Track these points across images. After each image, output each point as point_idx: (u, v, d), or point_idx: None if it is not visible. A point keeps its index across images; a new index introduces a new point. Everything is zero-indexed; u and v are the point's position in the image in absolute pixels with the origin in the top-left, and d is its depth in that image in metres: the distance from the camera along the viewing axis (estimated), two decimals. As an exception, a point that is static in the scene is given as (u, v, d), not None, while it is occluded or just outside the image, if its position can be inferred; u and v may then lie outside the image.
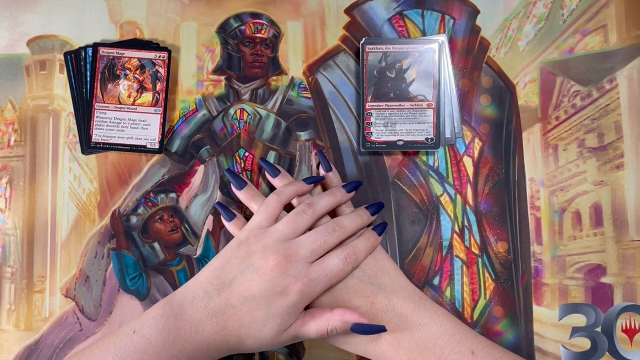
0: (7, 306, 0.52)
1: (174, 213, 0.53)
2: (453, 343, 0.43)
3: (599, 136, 0.53)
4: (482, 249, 0.52)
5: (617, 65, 0.53)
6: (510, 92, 0.54)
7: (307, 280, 0.43)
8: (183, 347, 0.41)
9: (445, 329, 0.44)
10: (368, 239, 0.46)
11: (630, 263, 0.51)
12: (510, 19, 0.54)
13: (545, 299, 0.52)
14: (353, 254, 0.45)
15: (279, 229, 0.45)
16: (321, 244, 0.44)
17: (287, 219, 0.46)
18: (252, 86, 0.54)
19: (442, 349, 0.43)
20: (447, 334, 0.43)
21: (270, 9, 0.55)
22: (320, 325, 0.43)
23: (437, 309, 0.45)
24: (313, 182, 0.49)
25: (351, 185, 0.50)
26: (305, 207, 0.46)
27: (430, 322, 0.44)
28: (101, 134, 0.52)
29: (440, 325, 0.44)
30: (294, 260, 0.43)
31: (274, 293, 0.42)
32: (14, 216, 0.53)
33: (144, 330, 0.42)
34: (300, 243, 0.44)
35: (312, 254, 0.44)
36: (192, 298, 0.43)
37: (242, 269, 0.43)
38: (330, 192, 0.49)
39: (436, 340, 0.43)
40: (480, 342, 0.44)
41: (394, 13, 0.54)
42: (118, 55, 0.52)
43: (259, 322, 0.42)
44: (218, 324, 0.42)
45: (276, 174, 0.50)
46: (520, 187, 0.53)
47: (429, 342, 0.43)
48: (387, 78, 0.52)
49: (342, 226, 0.46)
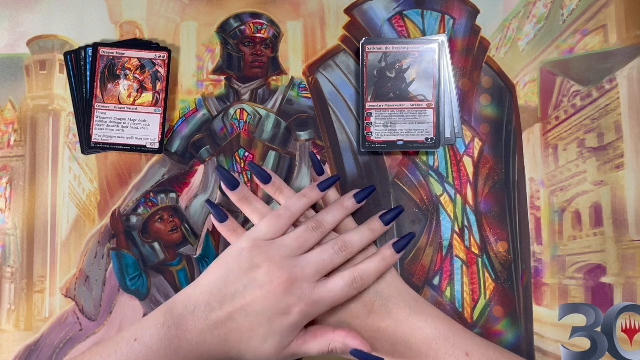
0: (7, 306, 0.52)
1: (174, 213, 0.53)
2: (447, 346, 0.43)
3: (599, 136, 0.53)
4: (482, 249, 0.52)
5: (617, 65, 0.53)
6: (510, 92, 0.54)
7: (310, 302, 0.42)
8: (185, 356, 0.41)
9: (439, 332, 0.44)
10: (383, 259, 0.45)
11: (630, 263, 0.51)
12: (510, 19, 0.54)
13: (545, 299, 0.52)
14: (360, 279, 0.44)
15: (286, 243, 0.44)
16: (327, 263, 0.44)
17: (296, 234, 0.45)
18: (252, 86, 0.54)
19: (437, 353, 0.43)
20: (442, 337, 0.44)
21: (270, 9, 0.55)
22: (322, 345, 0.43)
23: (432, 312, 0.45)
24: (327, 188, 0.48)
25: (362, 194, 0.48)
26: (315, 225, 0.45)
27: (425, 326, 0.44)
28: (101, 134, 0.52)
29: (435, 329, 0.44)
30: (299, 280, 0.42)
31: (276, 312, 0.42)
32: (14, 216, 0.53)
33: (146, 338, 0.41)
34: (306, 262, 0.43)
35: (317, 274, 0.43)
36: (194, 308, 0.42)
37: (245, 282, 0.42)
38: (339, 205, 0.47)
39: (431, 344, 0.43)
40: (475, 343, 0.44)
41: (394, 13, 0.54)
42: (118, 55, 0.52)
43: (259, 338, 0.42)
44: (220, 336, 0.42)
45: (267, 181, 0.47)
46: (520, 187, 0.53)
47: (424, 347, 0.43)
48: (387, 78, 0.52)
49: (350, 245, 0.45)
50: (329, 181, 0.48)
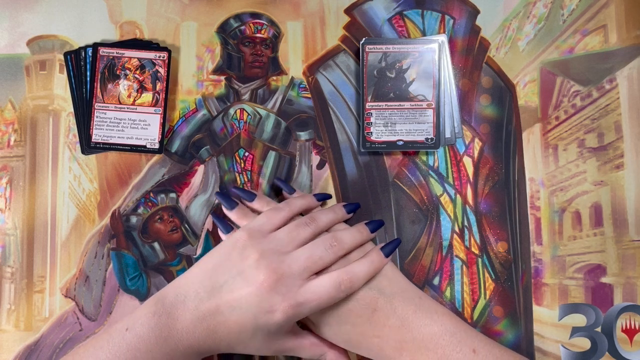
0: (7, 306, 0.52)
1: (174, 213, 0.53)
2: (454, 342, 0.43)
3: (599, 136, 0.53)
4: (482, 249, 0.52)
5: (617, 65, 0.53)
6: (510, 92, 0.54)
7: (294, 303, 0.42)
8: (176, 345, 0.41)
9: (446, 328, 0.44)
10: (372, 262, 0.45)
11: (630, 263, 0.51)
12: (510, 19, 0.54)
13: (545, 299, 0.52)
14: (349, 282, 0.43)
15: (278, 237, 0.44)
16: (317, 259, 0.43)
17: (288, 228, 0.45)
18: (252, 86, 0.54)
19: (444, 349, 0.43)
20: (448, 333, 0.43)
21: (270, 9, 0.55)
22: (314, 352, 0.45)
23: (437, 309, 0.45)
24: (322, 200, 0.50)
25: (351, 206, 0.50)
26: (308, 221, 0.46)
27: (431, 322, 0.44)
28: (101, 134, 0.52)
29: (442, 325, 0.44)
30: (285, 277, 0.42)
31: (261, 309, 0.41)
32: (14, 216, 0.53)
33: (137, 328, 0.42)
34: (296, 257, 0.43)
35: (305, 271, 0.43)
36: (184, 297, 0.42)
37: (233, 274, 0.42)
38: (331, 210, 0.48)
39: (438, 340, 0.43)
40: (481, 340, 0.44)
41: (394, 13, 0.54)
42: (118, 55, 0.52)
43: (247, 333, 0.42)
44: (209, 328, 0.42)
45: (252, 198, 0.49)
46: (520, 187, 0.53)
47: (431, 343, 0.43)
48: (387, 78, 0.52)
49: (340, 241, 0.45)
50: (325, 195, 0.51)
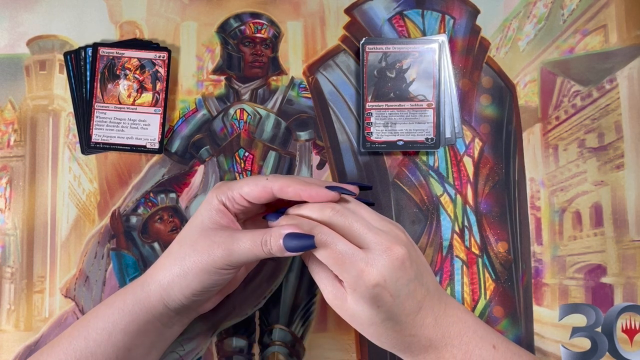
0: (7, 306, 0.52)
1: (174, 213, 0.53)
2: (476, 338, 0.43)
3: (599, 136, 0.53)
4: (482, 249, 0.52)
5: (617, 65, 0.53)
6: (511, 92, 0.54)
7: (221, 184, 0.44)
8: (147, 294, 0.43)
9: (468, 325, 0.44)
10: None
11: (631, 263, 0.51)
12: (510, 19, 0.54)
13: (546, 299, 0.51)
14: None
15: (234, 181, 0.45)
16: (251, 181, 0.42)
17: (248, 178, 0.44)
18: (252, 86, 0.54)
19: (467, 345, 0.43)
20: (471, 329, 0.44)
21: (270, 9, 0.55)
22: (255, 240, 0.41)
23: (458, 305, 0.45)
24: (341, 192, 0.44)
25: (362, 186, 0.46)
26: (271, 176, 0.43)
27: (456, 320, 0.44)
28: (101, 134, 0.52)
29: (465, 322, 0.44)
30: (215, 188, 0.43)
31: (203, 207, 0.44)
32: (14, 216, 0.53)
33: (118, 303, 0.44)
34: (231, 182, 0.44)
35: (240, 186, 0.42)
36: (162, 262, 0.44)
37: None
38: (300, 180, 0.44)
39: (462, 337, 0.43)
40: (498, 337, 0.44)
41: (394, 13, 0.54)
42: (118, 55, 0.52)
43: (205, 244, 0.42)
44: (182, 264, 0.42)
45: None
46: (520, 187, 0.53)
47: (456, 339, 0.43)
48: (387, 78, 0.52)
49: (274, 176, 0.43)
50: None
